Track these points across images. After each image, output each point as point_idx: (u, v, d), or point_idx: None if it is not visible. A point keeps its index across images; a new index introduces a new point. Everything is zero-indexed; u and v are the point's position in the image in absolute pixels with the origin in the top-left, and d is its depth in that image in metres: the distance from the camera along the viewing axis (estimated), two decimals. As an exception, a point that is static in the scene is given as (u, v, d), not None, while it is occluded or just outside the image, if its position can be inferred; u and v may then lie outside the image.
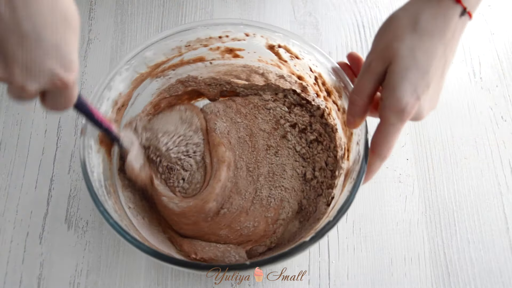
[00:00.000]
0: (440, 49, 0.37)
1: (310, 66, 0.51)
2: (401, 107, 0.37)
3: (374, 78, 0.39)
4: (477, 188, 0.59)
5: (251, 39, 0.51)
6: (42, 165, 0.58)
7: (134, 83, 0.50)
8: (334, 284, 0.53)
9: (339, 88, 0.48)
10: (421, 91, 0.37)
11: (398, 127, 0.39)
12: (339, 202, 0.44)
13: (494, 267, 0.54)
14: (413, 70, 0.36)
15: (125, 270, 0.53)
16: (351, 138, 0.48)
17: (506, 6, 0.72)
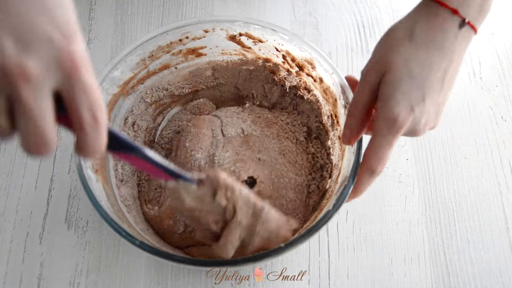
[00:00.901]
0: (437, 61, 0.36)
1: (276, 46, 0.52)
2: (393, 117, 0.35)
3: (369, 89, 0.38)
4: (477, 188, 0.59)
5: (211, 35, 0.51)
6: (42, 165, 0.58)
7: (109, 106, 0.49)
8: (334, 284, 0.53)
9: (311, 60, 0.49)
10: (416, 103, 0.36)
11: (390, 140, 0.37)
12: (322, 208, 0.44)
13: (494, 267, 0.54)
14: (406, 80, 0.35)
15: (125, 270, 0.53)
16: (336, 107, 0.50)
17: (506, 6, 0.72)
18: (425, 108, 0.36)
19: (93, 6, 0.70)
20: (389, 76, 0.36)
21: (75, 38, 0.26)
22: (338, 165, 0.50)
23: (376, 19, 0.70)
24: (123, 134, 0.39)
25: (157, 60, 0.51)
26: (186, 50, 0.53)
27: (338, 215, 0.56)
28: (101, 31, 0.68)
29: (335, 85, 0.48)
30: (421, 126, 0.37)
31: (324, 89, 0.52)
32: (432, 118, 0.38)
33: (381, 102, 0.37)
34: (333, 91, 0.50)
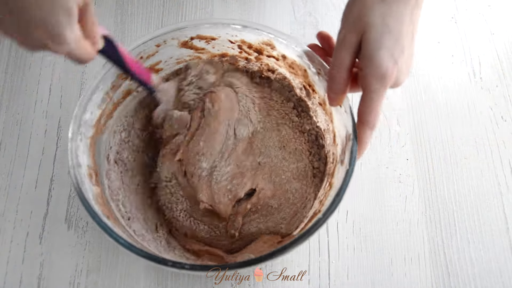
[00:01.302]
0: (407, 15, 0.38)
1: (229, 39, 0.52)
2: (382, 72, 0.38)
3: (350, 51, 0.40)
4: (477, 188, 0.59)
5: (163, 48, 0.51)
6: (42, 165, 0.58)
7: (91, 150, 0.48)
8: (334, 284, 0.53)
9: (269, 41, 0.50)
10: (398, 55, 0.38)
11: (381, 93, 0.39)
12: (334, 187, 0.45)
13: (494, 267, 0.54)
14: (387, 36, 0.38)
15: (125, 270, 0.53)
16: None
17: (506, 6, 0.72)
18: (404, 59, 0.39)
19: (93, 6, 0.70)
20: (370, 34, 0.38)
21: (62, 40, 0.34)
22: (329, 128, 0.51)
23: (376, 19, 0.70)
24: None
25: (119, 89, 0.50)
26: None
27: (338, 214, 0.56)
28: (101, 31, 0.68)
29: (301, 57, 0.49)
30: (403, 76, 0.40)
31: (289, 64, 0.52)
32: (408, 67, 0.41)
33: (366, 60, 0.38)
34: (299, 63, 0.50)
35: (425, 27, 0.70)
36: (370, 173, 0.59)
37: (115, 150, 0.53)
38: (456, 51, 0.68)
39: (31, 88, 0.63)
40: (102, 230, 0.40)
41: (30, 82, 0.64)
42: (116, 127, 0.53)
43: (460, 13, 0.71)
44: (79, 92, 0.63)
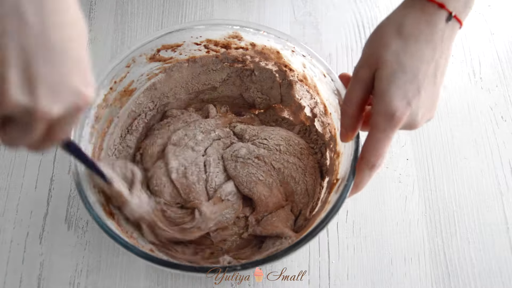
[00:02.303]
0: (428, 53, 0.36)
1: (194, 42, 0.52)
2: (391, 112, 0.36)
3: (361, 86, 0.38)
4: (477, 188, 0.59)
5: (133, 67, 0.50)
6: (42, 165, 0.58)
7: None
8: (334, 284, 0.53)
9: (235, 34, 0.50)
10: (412, 96, 0.36)
11: (388, 134, 0.37)
12: (323, 211, 0.44)
13: (494, 267, 0.54)
14: (399, 74, 0.36)
15: (125, 270, 0.53)
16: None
17: (506, 6, 0.72)
18: (421, 101, 0.37)
19: (93, 6, 0.70)
20: (382, 71, 0.37)
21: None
22: (316, 101, 0.52)
23: (376, 19, 0.70)
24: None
25: (101, 120, 0.49)
26: (119, 95, 0.51)
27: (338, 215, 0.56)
28: (101, 31, 0.68)
29: (272, 39, 0.49)
30: (419, 119, 0.38)
31: (260, 51, 0.52)
32: (428, 110, 0.38)
33: (377, 97, 0.37)
34: (270, 46, 0.51)
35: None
36: (370, 173, 0.59)
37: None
38: (456, 51, 0.68)
39: (31, 88, 0.63)
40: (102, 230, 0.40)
41: (30, 82, 0.64)
42: (109, 157, 0.53)
43: (460, 13, 0.71)
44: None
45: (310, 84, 0.52)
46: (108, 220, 0.41)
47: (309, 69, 0.50)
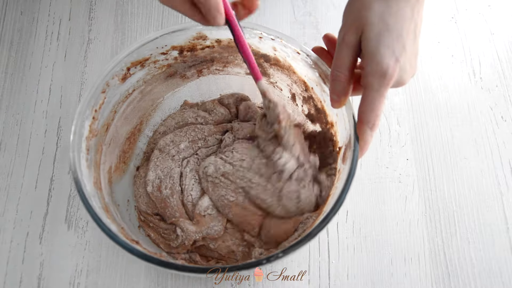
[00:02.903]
0: (408, 12, 0.38)
1: (161, 52, 0.50)
2: (383, 71, 0.37)
3: (350, 50, 0.39)
4: (477, 188, 0.59)
5: (108, 91, 0.48)
6: (42, 165, 0.58)
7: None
8: (334, 284, 0.53)
9: (198, 34, 0.49)
10: (399, 53, 0.37)
11: (382, 92, 0.38)
12: (326, 206, 0.44)
13: (494, 267, 0.54)
14: (386, 33, 0.37)
15: (125, 270, 0.53)
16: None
17: (506, 6, 0.72)
18: (407, 57, 0.38)
19: (93, 6, 0.70)
20: (369, 33, 0.38)
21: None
22: (294, 79, 0.52)
23: (376, 19, 0.70)
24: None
25: (92, 151, 0.48)
26: (104, 122, 0.49)
27: (338, 215, 0.56)
28: (101, 31, 0.68)
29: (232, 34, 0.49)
30: (406, 75, 0.39)
31: (227, 45, 0.52)
32: (412, 66, 0.40)
33: (367, 58, 0.38)
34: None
35: (425, 27, 0.70)
36: (370, 173, 0.59)
37: None
38: (456, 51, 0.68)
39: (31, 88, 0.63)
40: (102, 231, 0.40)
41: (30, 82, 0.64)
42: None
43: (460, 13, 0.71)
44: (79, 92, 0.63)
45: (284, 65, 0.51)
46: (108, 220, 0.41)
47: (281, 51, 0.50)
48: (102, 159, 0.49)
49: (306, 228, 0.46)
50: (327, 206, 0.43)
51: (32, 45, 0.66)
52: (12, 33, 0.67)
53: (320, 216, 0.43)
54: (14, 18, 0.68)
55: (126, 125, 0.53)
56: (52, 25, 0.68)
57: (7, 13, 0.68)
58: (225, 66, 0.55)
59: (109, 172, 0.50)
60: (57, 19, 0.68)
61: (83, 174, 0.42)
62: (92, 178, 0.44)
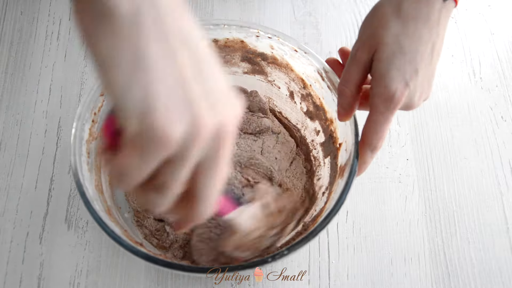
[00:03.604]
0: (426, 34, 0.37)
1: None
2: (390, 95, 0.36)
3: (360, 68, 0.39)
4: (477, 188, 0.59)
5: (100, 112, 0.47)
6: (42, 165, 0.58)
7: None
8: (334, 284, 0.53)
9: None
10: (409, 77, 0.36)
11: (387, 116, 0.38)
12: (329, 203, 0.44)
13: (494, 267, 0.54)
14: (398, 56, 0.36)
15: (125, 270, 0.53)
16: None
17: (506, 6, 0.72)
18: (418, 81, 0.37)
19: (93, 6, 0.70)
20: (381, 53, 0.37)
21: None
22: (291, 76, 0.52)
23: (376, 19, 0.70)
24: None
25: (92, 155, 0.47)
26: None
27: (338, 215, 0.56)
28: (101, 31, 0.68)
29: (234, 30, 0.49)
30: (416, 99, 0.38)
31: (224, 45, 0.51)
32: (425, 90, 0.39)
33: (376, 79, 0.37)
34: (233, 37, 0.50)
35: (425, 27, 0.70)
36: (370, 173, 0.59)
37: None
38: (456, 51, 0.68)
39: (31, 88, 0.63)
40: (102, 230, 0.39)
41: (30, 82, 0.64)
42: None
43: (460, 13, 0.71)
44: (79, 92, 0.63)
45: (282, 64, 0.52)
46: (112, 223, 0.41)
47: (278, 49, 0.50)
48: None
49: (308, 227, 0.46)
50: (330, 203, 0.43)
51: (32, 45, 0.66)
52: (12, 33, 0.67)
53: (323, 213, 0.43)
54: (14, 18, 0.68)
55: None
56: (52, 25, 0.68)
57: (7, 13, 0.68)
58: (222, 66, 0.55)
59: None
60: (57, 19, 0.68)
61: (85, 177, 0.42)
62: (94, 181, 0.44)
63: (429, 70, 0.38)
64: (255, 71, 0.55)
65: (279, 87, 0.56)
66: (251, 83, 0.58)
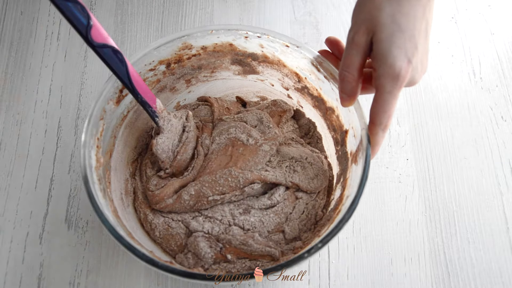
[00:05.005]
0: (420, 11, 0.38)
1: (149, 69, 0.50)
2: (396, 73, 0.37)
3: (360, 51, 0.39)
4: (477, 188, 0.59)
5: (106, 118, 0.47)
6: (42, 165, 0.58)
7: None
8: (334, 284, 0.53)
9: (184, 44, 0.49)
10: (411, 53, 0.37)
11: (395, 94, 0.39)
12: (348, 190, 0.45)
13: (494, 267, 0.54)
14: (398, 34, 0.37)
15: (125, 270, 0.53)
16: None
17: (506, 6, 0.72)
18: (419, 57, 0.38)
19: (93, 6, 0.70)
20: (380, 33, 0.38)
21: None
22: (284, 72, 0.52)
23: (376, 19, 0.70)
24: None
25: (102, 180, 0.46)
26: (107, 148, 0.48)
27: (338, 215, 0.56)
28: (101, 31, 0.68)
29: (222, 34, 0.49)
30: (418, 74, 0.40)
31: (213, 50, 0.51)
32: (424, 65, 0.40)
33: (379, 60, 0.38)
34: (222, 42, 0.50)
35: (425, 27, 0.70)
36: (370, 173, 0.59)
37: None
38: (456, 51, 0.68)
39: (31, 88, 0.63)
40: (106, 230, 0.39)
41: (30, 82, 0.64)
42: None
43: (460, 13, 0.71)
44: (79, 92, 0.63)
45: (273, 61, 0.52)
46: (138, 246, 0.40)
47: (268, 47, 0.50)
48: (112, 186, 0.48)
49: (331, 217, 0.46)
50: (349, 190, 0.43)
51: (32, 45, 0.66)
52: (12, 33, 0.67)
53: (344, 200, 0.44)
54: (14, 18, 0.68)
55: (126, 147, 0.53)
56: (52, 25, 0.68)
57: (7, 13, 0.68)
58: (212, 71, 0.55)
59: (121, 198, 0.49)
60: (57, 19, 0.68)
61: (103, 205, 0.41)
62: (110, 207, 0.44)
63: (426, 45, 0.39)
64: (246, 71, 0.55)
65: (272, 84, 0.56)
66: (243, 84, 0.58)
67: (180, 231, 0.49)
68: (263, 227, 0.49)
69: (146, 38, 0.68)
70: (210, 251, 0.47)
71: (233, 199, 0.50)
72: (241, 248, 0.47)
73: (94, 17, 0.37)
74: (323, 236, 0.39)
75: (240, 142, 0.52)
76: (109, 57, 0.40)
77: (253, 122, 0.55)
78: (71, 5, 0.35)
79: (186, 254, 0.48)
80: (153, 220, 0.50)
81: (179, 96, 0.57)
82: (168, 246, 0.49)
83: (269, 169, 0.51)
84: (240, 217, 0.49)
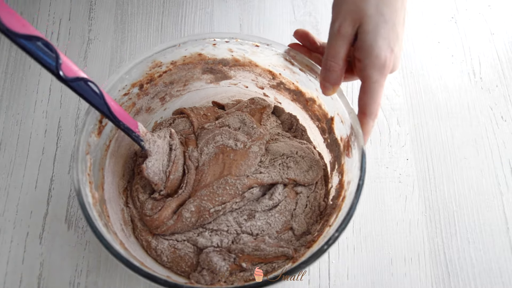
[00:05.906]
0: (399, 1, 0.40)
1: (124, 93, 0.49)
2: (382, 63, 0.39)
3: (345, 41, 0.40)
4: (477, 188, 0.59)
5: (92, 152, 0.46)
6: (42, 165, 0.58)
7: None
8: (334, 284, 0.53)
9: (154, 63, 0.48)
10: (393, 43, 0.39)
11: (381, 83, 0.40)
12: (347, 175, 0.45)
13: (494, 267, 0.54)
14: (382, 25, 0.38)
15: (125, 270, 0.53)
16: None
17: (506, 6, 0.72)
18: (399, 45, 0.40)
19: (93, 6, 0.70)
20: (367, 25, 0.39)
21: None
22: (262, 66, 0.52)
23: (376, 19, 0.70)
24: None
25: (97, 205, 0.45)
26: (99, 181, 0.48)
27: (338, 215, 0.56)
28: (101, 31, 0.68)
29: (190, 46, 0.49)
30: (398, 61, 0.41)
31: (182, 63, 0.51)
32: (401, 52, 0.42)
33: (366, 51, 0.39)
34: (190, 54, 0.50)
35: (425, 27, 0.70)
36: (370, 173, 0.59)
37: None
38: (456, 51, 0.68)
39: (31, 88, 0.63)
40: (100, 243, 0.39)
41: (30, 82, 0.64)
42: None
43: (460, 13, 0.71)
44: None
45: (244, 63, 0.52)
46: (148, 270, 0.40)
47: (238, 50, 0.50)
48: (111, 219, 0.47)
49: (337, 205, 0.46)
50: (348, 176, 0.44)
51: (32, 45, 0.66)
52: (12, 33, 0.67)
53: (345, 185, 0.44)
54: (14, 18, 0.68)
55: (115, 177, 0.52)
56: (52, 25, 0.68)
57: (7, 13, 0.68)
58: (185, 85, 0.55)
59: (122, 230, 0.49)
60: (57, 19, 0.68)
61: (109, 240, 0.41)
62: (116, 240, 0.43)
63: (403, 31, 0.41)
64: (218, 78, 0.55)
65: (246, 86, 0.56)
66: (217, 91, 0.58)
67: (189, 250, 0.48)
68: (271, 228, 0.49)
69: (146, 38, 0.68)
70: (225, 263, 0.46)
71: (235, 207, 0.50)
72: (254, 254, 0.47)
73: (61, 53, 0.36)
74: (337, 225, 0.39)
75: (229, 148, 0.52)
76: (84, 90, 0.38)
77: (236, 125, 0.55)
78: (36, 45, 0.33)
79: (200, 272, 0.47)
80: (157, 246, 0.49)
81: (156, 115, 0.57)
82: (179, 268, 0.48)
83: (263, 170, 0.51)
84: (246, 224, 0.49)
